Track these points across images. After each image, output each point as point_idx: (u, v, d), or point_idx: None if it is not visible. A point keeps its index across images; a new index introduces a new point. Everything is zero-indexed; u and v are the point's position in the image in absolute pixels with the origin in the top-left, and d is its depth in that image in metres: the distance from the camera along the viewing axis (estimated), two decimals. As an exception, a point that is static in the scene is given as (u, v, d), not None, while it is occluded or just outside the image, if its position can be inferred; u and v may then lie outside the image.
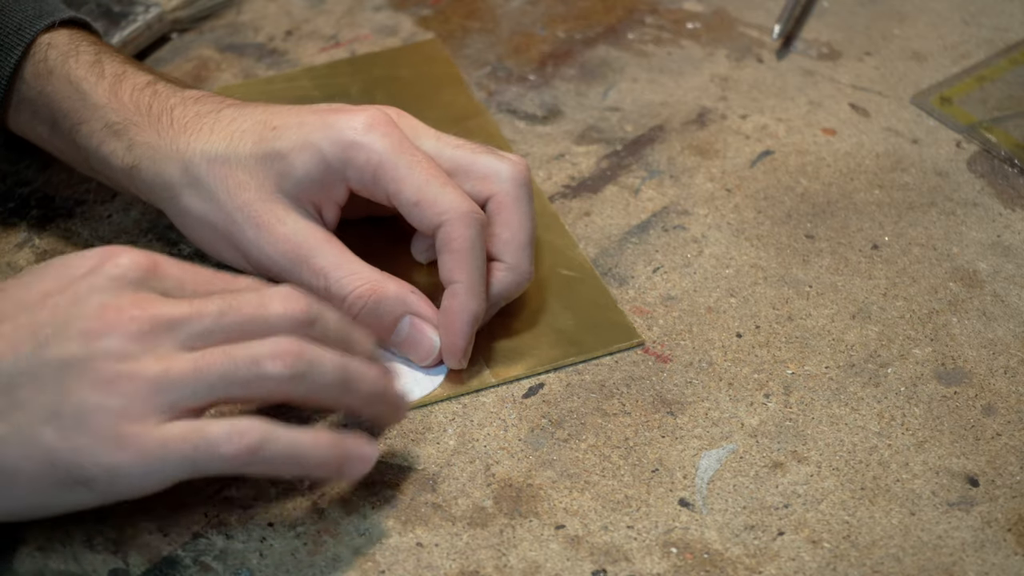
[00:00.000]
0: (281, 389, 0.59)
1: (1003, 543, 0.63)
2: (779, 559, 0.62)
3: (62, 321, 0.58)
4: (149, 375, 0.57)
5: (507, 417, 0.68)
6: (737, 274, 0.75)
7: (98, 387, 0.57)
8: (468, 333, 0.68)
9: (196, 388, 0.58)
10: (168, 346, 0.58)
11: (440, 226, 0.67)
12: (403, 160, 0.67)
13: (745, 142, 0.82)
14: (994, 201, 0.79)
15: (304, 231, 0.68)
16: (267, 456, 0.58)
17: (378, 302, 0.68)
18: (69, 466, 0.57)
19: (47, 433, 0.57)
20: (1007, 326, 0.72)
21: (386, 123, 0.68)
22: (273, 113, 0.69)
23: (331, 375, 0.60)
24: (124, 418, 0.57)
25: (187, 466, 0.57)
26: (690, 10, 0.91)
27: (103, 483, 0.57)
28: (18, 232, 0.76)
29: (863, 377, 0.70)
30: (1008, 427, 0.68)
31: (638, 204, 0.78)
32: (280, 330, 0.60)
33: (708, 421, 0.68)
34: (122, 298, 0.58)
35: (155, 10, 0.87)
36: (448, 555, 0.62)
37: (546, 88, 0.86)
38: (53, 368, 0.57)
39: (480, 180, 0.69)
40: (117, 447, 0.57)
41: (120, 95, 0.71)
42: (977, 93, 0.85)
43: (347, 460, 0.60)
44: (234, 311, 0.59)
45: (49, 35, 0.72)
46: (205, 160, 0.69)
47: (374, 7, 0.91)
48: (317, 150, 0.67)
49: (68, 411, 0.57)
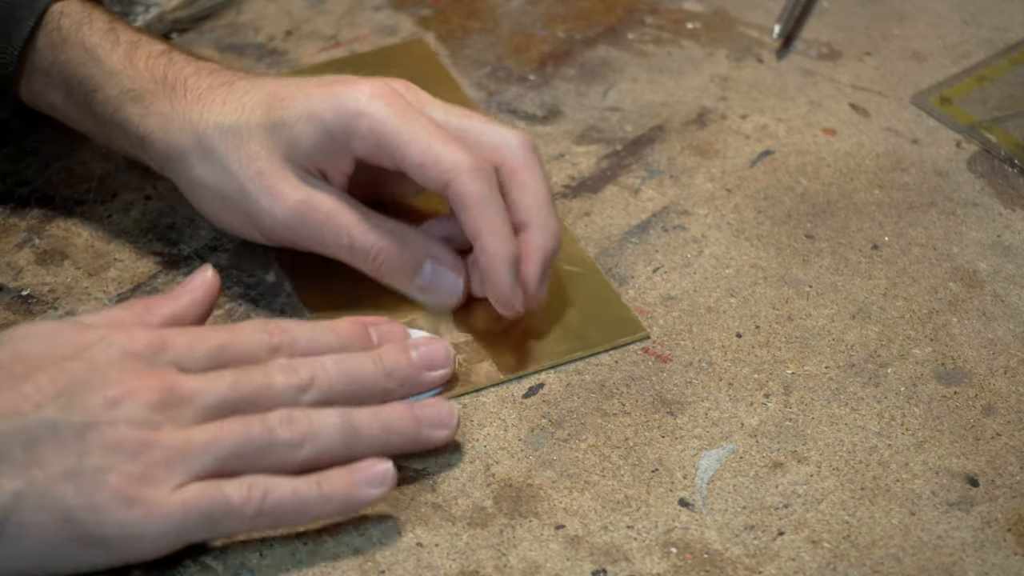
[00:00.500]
0: (292, 456, 0.61)
1: (1003, 543, 0.63)
2: (779, 559, 0.62)
3: (83, 385, 0.59)
4: (170, 444, 0.59)
5: (507, 417, 0.68)
6: (737, 274, 0.75)
7: (119, 452, 0.58)
8: (509, 276, 0.68)
9: (215, 456, 0.60)
10: (186, 417, 0.60)
11: (448, 184, 0.68)
12: (406, 125, 0.68)
13: (745, 142, 0.82)
14: (994, 201, 0.79)
15: (318, 195, 0.70)
16: (273, 505, 0.60)
17: (401, 250, 0.70)
18: (86, 523, 0.58)
19: (66, 490, 0.58)
20: (1007, 326, 0.72)
21: (389, 93, 0.69)
22: (282, 85, 0.71)
23: (334, 430, 0.62)
24: (143, 482, 0.58)
25: (204, 523, 0.59)
26: (690, 10, 0.91)
27: (118, 542, 0.58)
28: (18, 232, 0.76)
29: (863, 377, 0.70)
30: (1008, 427, 0.68)
31: (638, 204, 0.78)
32: (286, 397, 0.62)
33: (708, 421, 0.68)
34: (139, 370, 0.60)
35: (155, 10, 0.87)
36: (448, 555, 0.62)
37: (546, 88, 0.86)
38: (75, 429, 0.58)
39: (490, 150, 0.69)
40: (135, 506, 0.58)
41: (135, 62, 0.72)
42: (977, 93, 0.85)
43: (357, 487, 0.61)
44: (244, 383, 0.61)
45: (61, 4, 0.73)
46: (217, 132, 0.70)
47: (374, 7, 0.91)
48: (320, 120, 0.68)
49: (88, 470, 0.58)
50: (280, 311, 0.72)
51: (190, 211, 0.76)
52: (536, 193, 0.69)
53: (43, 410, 0.58)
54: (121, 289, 0.73)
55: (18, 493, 0.57)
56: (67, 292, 0.73)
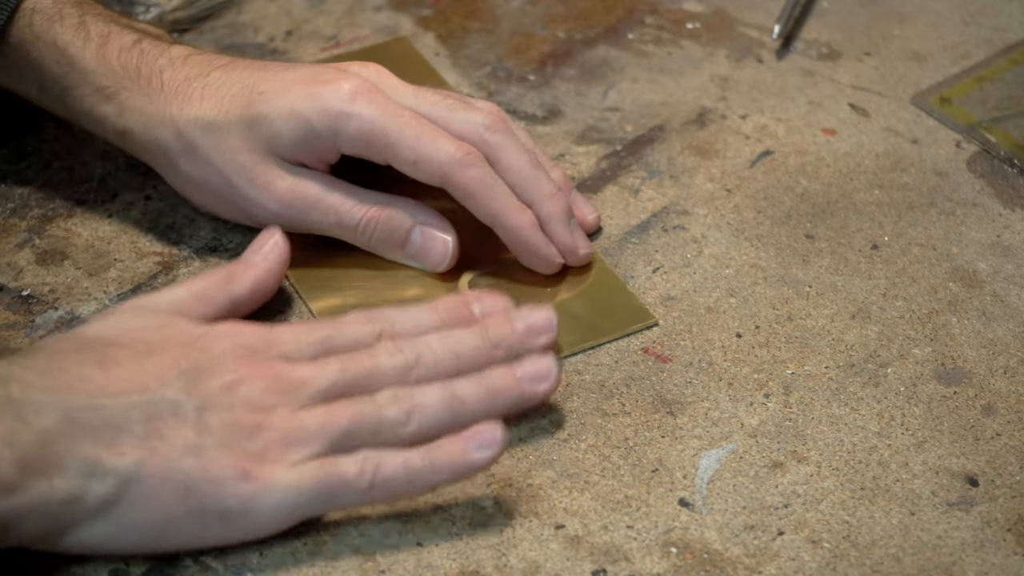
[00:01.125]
0: (401, 432, 0.62)
1: (1003, 543, 0.63)
2: (779, 559, 0.62)
3: (204, 370, 0.61)
4: (283, 426, 0.60)
5: (507, 417, 0.68)
6: (737, 274, 0.75)
7: (235, 430, 0.60)
8: (536, 239, 0.72)
9: (328, 438, 0.61)
10: (298, 402, 0.61)
11: (445, 178, 0.71)
12: (392, 123, 0.70)
13: (745, 142, 0.82)
14: (994, 201, 0.79)
15: (302, 181, 0.71)
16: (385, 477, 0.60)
17: (388, 219, 0.72)
18: (204, 495, 0.59)
19: (187, 462, 0.59)
20: (1007, 326, 0.72)
21: (369, 90, 0.70)
22: (259, 77, 0.72)
23: (439, 403, 0.62)
24: (261, 459, 0.60)
25: (320, 497, 0.60)
26: (690, 10, 0.91)
27: (235, 515, 0.60)
28: (18, 232, 0.76)
29: (863, 377, 0.70)
30: (1008, 427, 0.68)
31: (638, 204, 0.78)
32: (393, 378, 0.63)
33: (708, 421, 0.68)
34: (251, 361, 0.62)
35: (155, 10, 0.87)
36: (448, 555, 0.62)
37: (546, 88, 0.86)
38: (196, 406, 0.60)
39: (461, 133, 0.72)
40: (252, 480, 0.59)
41: (108, 57, 0.72)
42: (977, 93, 0.85)
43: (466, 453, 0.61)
44: (352, 367, 0.63)
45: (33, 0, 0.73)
46: (198, 127, 0.71)
47: (374, 7, 0.91)
48: (304, 120, 0.70)
49: (209, 446, 0.59)
50: (280, 311, 0.72)
51: (190, 211, 0.76)
52: (520, 171, 0.72)
53: (166, 388, 0.60)
54: (121, 289, 0.73)
55: (140, 461, 0.58)
56: (67, 292, 0.73)
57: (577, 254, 0.73)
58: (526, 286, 0.73)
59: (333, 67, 0.72)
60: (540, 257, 0.72)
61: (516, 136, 0.73)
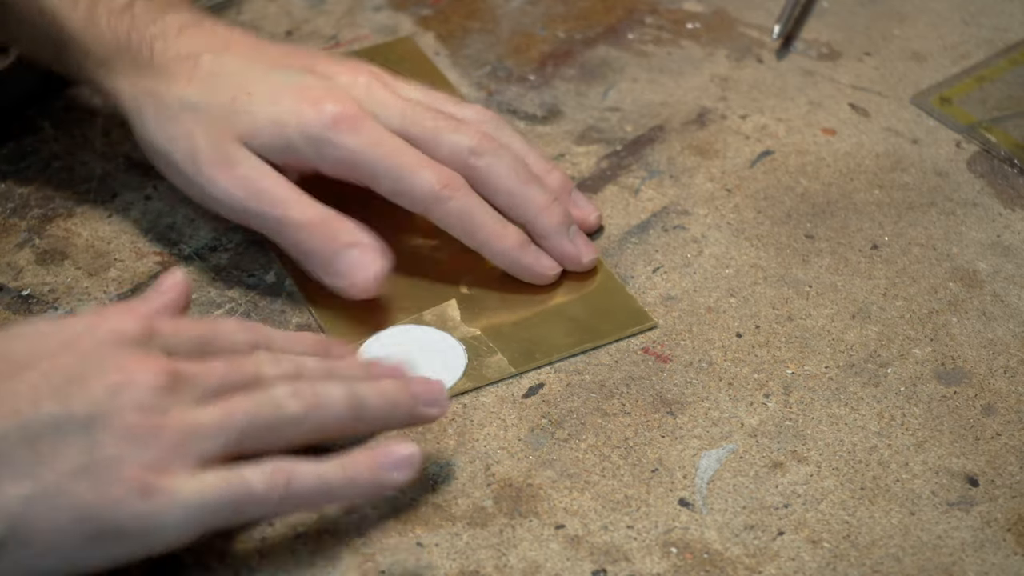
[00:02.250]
0: (300, 430, 0.60)
1: (1003, 543, 0.63)
2: (779, 559, 0.62)
3: (79, 376, 0.57)
4: (179, 427, 0.57)
5: (507, 417, 0.68)
6: (737, 274, 0.75)
7: (129, 439, 0.56)
8: (527, 257, 0.72)
9: (226, 436, 0.58)
10: (190, 399, 0.58)
11: (425, 211, 0.71)
12: (372, 154, 0.70)
13: (745, 142, 0.82)
14: (994, 201, 0.79)
15: (260, 170, 0.71)
16: (297, 490, 0.58)
17: (328, 226, 0.70)
18: (103, 519, 0.55)
19: (78, 487, 0.55)
20: (1007, 326, 0.72)
21: (352, 117, 0.70)
22: (249, 75, 0.72)
23: (341, 401, 0.61)
24: (157, 469, 0.56)
25: (225, 511, 0.57)
26: (690, 10, 0.91)
27: (138, 535, 0.56)
28: (18, 232, 0.76)
29: (863, 377, 0.70)
30: (1008, 427, 0.68)
31: (638, 204, 0.78)
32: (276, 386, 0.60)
33: (708, 421, 0.68)
34: (135, 354, 0.58)
35: (155, 10, 0.87)
36: (448, 555, 0.62)
37: (546, 88, 0.86)
38: (79, 422, 0.56)
39: (446, 159, 0.71)
40: (153, 496, 0.56)
41: (97, 22, 0.73)
42: (977, 93, 0.86)
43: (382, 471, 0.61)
44: (238, 369, 0.60)
45: None
46: (180, 106, 0.71)
47: (374, 7, 0.91)
48: (286, 135, 0.70)
49: (99, 463, 0.55)
50: (280, 311, 0.72)
51: (190, 211, 0.76)
52: (510, 190, 0.72)
53: (41, 407, 0.55)
54: (121, 289, 0.73)
55: (27, 497, 0.55)
56: (67, 292, 0.73)
57: (580, 263, 0.73)
58: (522, 294, 0.73)
59: (327, 70, 0.72)
60: (533, 274, 0.73)
61: (506, 151, 0.73)
